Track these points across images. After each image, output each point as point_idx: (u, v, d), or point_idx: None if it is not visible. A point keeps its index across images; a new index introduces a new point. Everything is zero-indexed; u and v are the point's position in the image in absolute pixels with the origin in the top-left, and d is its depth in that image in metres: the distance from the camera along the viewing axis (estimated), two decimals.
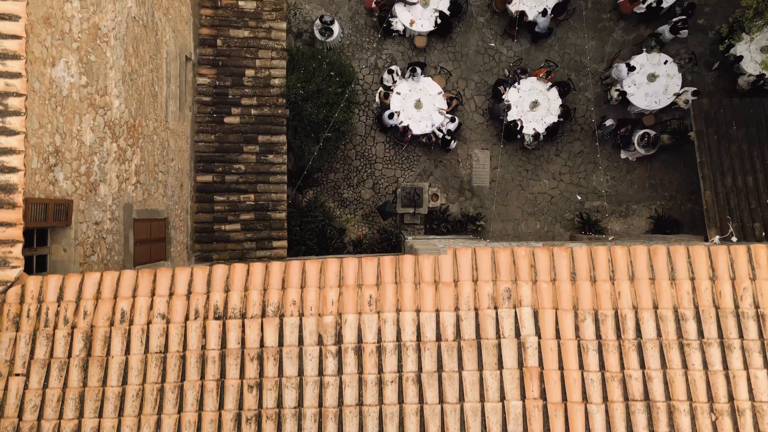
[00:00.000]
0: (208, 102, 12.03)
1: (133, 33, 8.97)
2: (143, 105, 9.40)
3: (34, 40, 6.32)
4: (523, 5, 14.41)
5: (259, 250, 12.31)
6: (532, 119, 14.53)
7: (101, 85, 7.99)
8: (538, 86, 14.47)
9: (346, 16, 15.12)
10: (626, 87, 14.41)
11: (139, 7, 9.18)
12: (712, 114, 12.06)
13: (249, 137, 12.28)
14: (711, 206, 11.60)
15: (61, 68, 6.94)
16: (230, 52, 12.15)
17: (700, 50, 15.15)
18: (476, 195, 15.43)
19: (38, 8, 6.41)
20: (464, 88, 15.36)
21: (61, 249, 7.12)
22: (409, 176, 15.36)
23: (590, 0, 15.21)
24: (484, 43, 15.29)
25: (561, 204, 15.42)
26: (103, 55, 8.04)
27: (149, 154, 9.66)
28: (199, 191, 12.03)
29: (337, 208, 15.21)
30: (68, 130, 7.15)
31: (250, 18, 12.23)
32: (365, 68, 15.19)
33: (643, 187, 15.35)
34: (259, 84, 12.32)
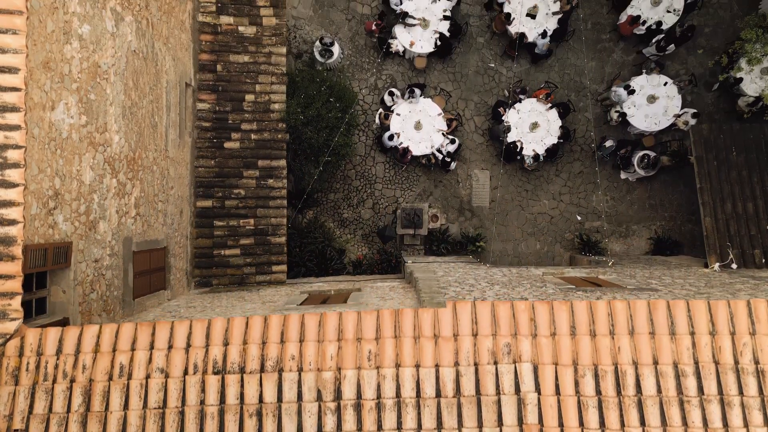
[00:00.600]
0: (208, 127, 12.03)
1: (133, 66, 8.97)
2: (143, 136, 9.40)
3: (33, 85, 6.33)
4: (522, 27, 14.42)
5: (259, 275, 12.30)
6: (532, 140, 14.54)
7: (101, 122, 7.99)
8: (537, 107, 14.47)
9: (346, 37, 15.13)
10: (626, 108, 14.42)
11: (139, 40, 9.19)
12: (712, 139, 12.05)
13: (249, 162, 12.28)
14: (711, 233, 11.59)
15: (60, 111, 6.94)
16: (230, 77, 12.15)
17: (700, 71, 15.15)
18: (476, 215, 15.42)
19: (38, 54, 6.41)
20: (464, 109, 15.36)
21: (60, 291, 7.11)
22: (408, 196, 15.36)
23: (590, 21, 15.22)
24: (484, 64, 15.29)
25: (561, 224, 15.41)
26: (103, 93, 8.04)
27: (149, 185, 9.66)
28: (198, 216, 12.02)
29: (337, 228, 15.21)
30: (68, 171, 7.15)
31: (250, 43, 12.24)
32: (365, 89, 15.19)
33: (643, 207, 15.35)
34: (259, 109, 12.32)
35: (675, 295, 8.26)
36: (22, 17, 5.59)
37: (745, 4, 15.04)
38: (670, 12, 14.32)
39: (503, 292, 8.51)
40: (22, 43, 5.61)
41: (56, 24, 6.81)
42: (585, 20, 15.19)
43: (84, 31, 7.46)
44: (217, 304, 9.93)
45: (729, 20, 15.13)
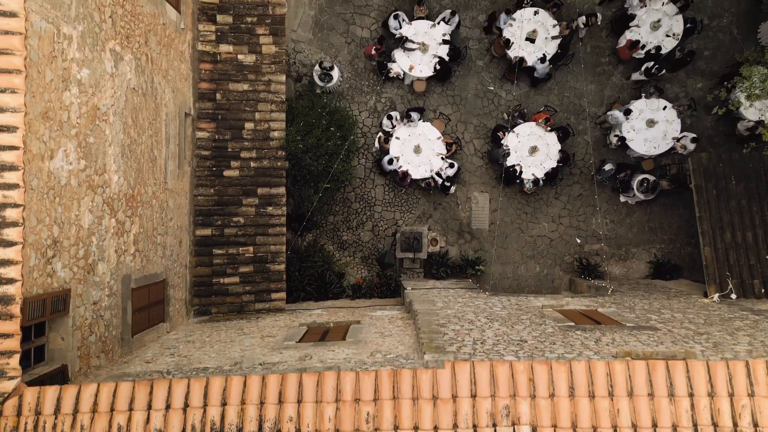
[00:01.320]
0: (208, 156, 12.04)
1: (132, 104, 8.97)
2: (142, 172, 9.40)
3: (32, 137, 6.33)
4: (522, 51, 14.43)
5: (258, 303, 12.30)
6: (531, 164, 14.54)
7: (100, 164, 7.99)
8: (537, 131, 14.48)
9: (345, 60, 15.14)
10: (625, 132, 14.43)
11: (138, 77, 9.19)
12: (711, 168, 12.06)
13: (248, 190, 12.29)
14: (710, 262, 11.59)
15: (59, 158, 6.95)
16: (229, 106, 12.16)
17: (699, 94, 15.16)
18: (475, 237, 15.42)
19: (36, 105, 6.41)
20: (463, 131, 15.37)
21: (59, 338, 7.10)
22: (408, 219, 15.36)
23: (589, 44, 15.24)
24: (483, 87, 15.30)
25: (560, 247, 15.41)
26: (102, 134, 8.04)
27: (148, 220, 9.66)
28: (198, 245, 12.02)
29: (337, 250, 15.20)
30: (66, 218, 7.15)
31: (250, 71, 12.25)
32: (364, 111, 15.20)
33: (643, 230, 15.35)
34: (259, 137, 12.33)
35: (674, 335, 8.25)
36: (21, 76, 5.60)
37: (745, 28, 15.08)
38: (670, 36, 14.33)
39: (502, 332, 8.49)
40: (21, 102, 5.61)
41: (55, 72, 6.82)
42: (584, 43, 15.20)
43: (83, 76, 7.47)
44: (216, 338, 9.92)
45: (728, 44, 15.15)
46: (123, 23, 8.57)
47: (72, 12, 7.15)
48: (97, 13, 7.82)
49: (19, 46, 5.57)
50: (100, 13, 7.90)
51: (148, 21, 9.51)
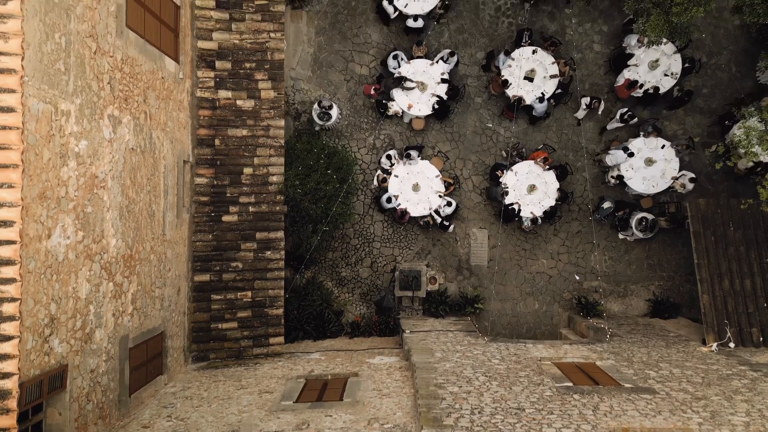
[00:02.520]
0: (206, 202, 12.05)
1: (130, 164, 8.99)
2: (140, 230, 9.42)
3: (29, 221, 6.34)
4: (520, 90, 14.46)
5: (256, 347, 12.30)
6: (530, 202, 14.54)
7: (98, 231, 8.00)
8: (535, 170, 14.49)
9: (344, 97, 15.17)
10: (623, 171, 14.43)
11: (137, 136, 9.22)
12: (709, 215, 12.07)
13: (247, 234, 12.30)
14: (709, 310, 11.59)
15: (57, 235, 6.96)
16: (228, 151, 12.19)
17: (698, 131, 15.19)
18: (474, 274, 15.42)
19: (33, 188, 6.42)
20: (462, 168, 15.39)
21: (56, 413, 7.10)
22: (407, 255, 15.36)
23: (587, 82, 15.26)
24: (482, 124, 15.33)
25: (559, 284, 15.40)
26: (101, 201, 8.06)
27: (146, 276, 9.67)
28: (196, 291, 12.02)
29: (335, 286, 15.20)
30: (64, 292, 7.16)
31: (249, 117, 12.28)
32: (363, 148, 15.22)
33: (642, 267, 15.35)
34: (257, 182, 12.35)
35: (672, 400, 8.24)
36: (18, 170, 5.61)
37: (743, 65, 15.11)
38: (668, 75, 14.36)
39: (500, 395, 8.48)
40: (18, 197, 5.63)
41: (53, 150, 6.84)
42: (582, 81, 15.23)
43: (81, 148, 7.49)
44: (213, 394, 9.92)
45: (727, 81, 15.18)
46: (121, 86, 8.60)
47: (70, 87, 7.17)
48: (96, 81, 7.84)
49: (16, 140, 5.59)
50: (99, 81, 7.93)
51: (147, 78, 9.54)
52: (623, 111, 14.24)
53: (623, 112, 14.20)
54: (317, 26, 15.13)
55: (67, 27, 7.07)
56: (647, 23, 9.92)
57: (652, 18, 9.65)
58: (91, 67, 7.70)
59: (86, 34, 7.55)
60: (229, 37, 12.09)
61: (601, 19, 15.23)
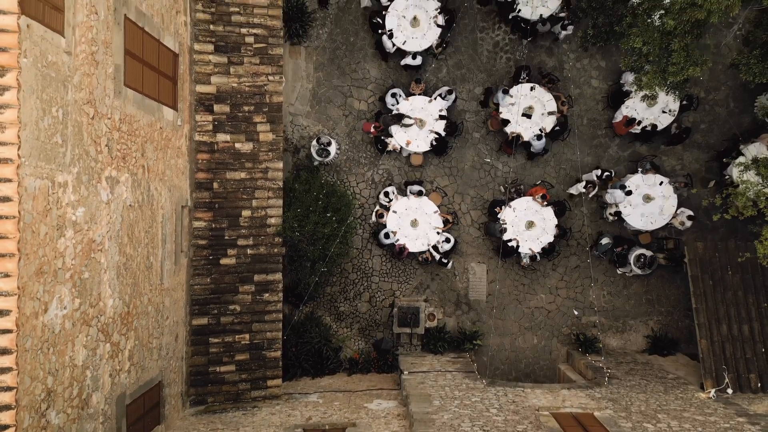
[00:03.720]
0: (205, 245, 12.06)
1: (128, 221, 9.00)
2: (138, 284, 9.42)
3: (26, 299, 6.34)
4: (518, 127, 14.48)
5: (254, 390, 12.29)
6: (528, 239, 14.55)
7: (95, 295, 8.01)
8: (533, 206, 14.50)
9: (343, 132, 15.20)
10: (622, 208, 14.44)
11: (135, 191, 9.23)
12: (707, 258, 12.08)
13: (244, 277, 12.30)
14: (707, 356, 11.58)
15: (53, 307, 6.96)
16: (227, 194, 12.20)
17: (696, 166, 15.21)
18: (473, 308, 15.42)
19: (30, 266, 6.43)
20: (460, 203, 15.40)
21: None
22: (405, 289, 15.37)
23: (585, 117, 15.29)
24: (480, 159, 15.35)
25: (558, 318, 15.40)
26: (98, 265, 8.06)
27: (143, 329, 9.67)
28: (194, 334, 12.01)
29: (334, 321, 15.19)
30: (60, 363, 7.16)
31: (247, 159, 12.29)
32: (362, 183, 15.25)
33: (640, 302, 15.34)
34: (256, 224, 12.37)
35: None
36: (14, 260, 5.62)
37: (742, 101, 15.13)
38: (666, 113, 14.38)
39: None
40: (14, 285, 5.64)
41: (50, 224, 6.85)
42: (581, 116, 15.26)
43: (78, 215, 7.50)
44: None
45: (725, 117, 15.21)
46: (119, 146, 8.62)
47: (67, 158, 7.19)
48: (93, 146, 7.86)
49: (12, 230, 5.60)
50: (96, 146, 7.94)
51: (145, 132, 9.56)
52: (598, 173, 14.38)
53: (598, 173, 14.34)
54: (316, 62, 15.18)
55: (64, 99, 7.09)
56: (643, 80, 9.94)
57: (649, 75, 9.67)
58: (89, 132, 7.72)
59: (84, 101, 7.58)
60: (227, 80, 12.12)
61: (599, 54, 15.27)
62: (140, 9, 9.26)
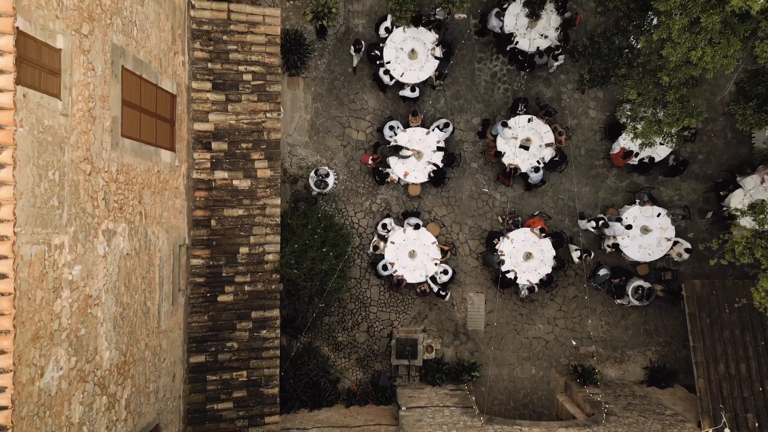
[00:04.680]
0: (202, 283, 12.06)
1: (125, 270, 9.01)
2: (135, 332, 9.42)
3: (22, 367, 6.35)
4: (516, 159, 14.50)
5: (252, 427, 12.28)
6: (526, 270, 14.56)
7: (91, 350, 8.01)
8: (531, 237, 14.51)
9: (341, 162, 15.21)
10: (620, 239, 14.45)
11: (131, 239, 9.23)
12: (704, 296, 12.09)
13: (242, 314, 12.31)
14: (704, 394, 11.58)
15: (49, 371, 6.96)
16: (224, 231, 12.21)
17: (694, 197, 15.23)
18: (471, 339, 15.41)
19: (26, 333, 6.43)
20: (458, 233, 15.41)
21: None
22: (403, 319, 15.36)
23: (583, 147, 15.32)
24: (478, 189, 15.36)
25: (556, 349, 15.39)
26: (94, 320, 8.07)
27: (140, 375, 9.66)
28: (191, 372, 12.01)
29: (332, 351, 15.19)
30: (57, 424, 7.16)
31: (245, 196, 12.31)
32: (360, 212, 15.27)
33: (638, 332, 15.34)
34: (253, 261, 12.37)
35: None
36: (9, 337, 5.63)
37: (739, 132, 15.14)
38: (663, 144, 14.39)
39: None
40: (9, 362, 5.63)
41: (46, 288, 6.85)
42: (578, 146, 15.28)
43: (75, 274, 7.51)
44: None
45: (723, 147, 15.23)
46: (116, 197, 8.63)
47: (63, 219, 7.20)
48: (90, 202, 7.87)
49: (8, 306, 5.60)
50: (93, 201, 7.96)
51: (143, 178, 9.58)
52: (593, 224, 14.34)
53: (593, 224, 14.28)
54: (314, 92, 15.20)
55: (61, 160, 7.10)
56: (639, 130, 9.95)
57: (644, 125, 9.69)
58: (86, 189, 7.73)
59: (81, 159, 7.59)
60: (225, 118, 12.15)
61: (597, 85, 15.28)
62: (138, 57, 9.28)
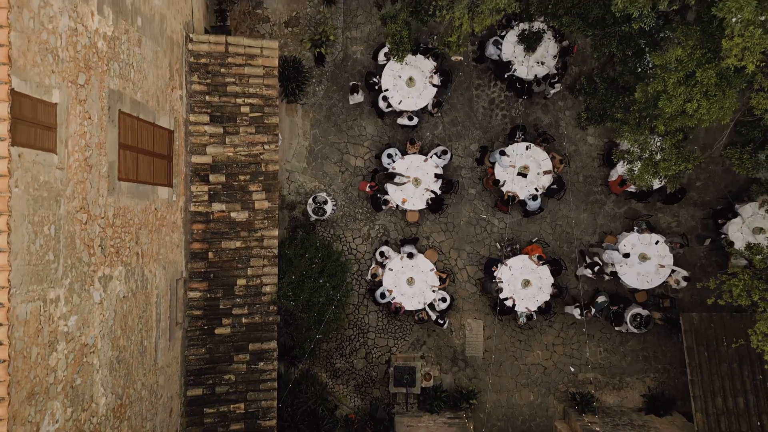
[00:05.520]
0: (200, 315, 12.03)
1: (121, 313, 8.98)
2: (131, 373, 9.39)
3: (17, 425, 6.32)
4: (513, 186, 14.50)
5: None
6: (525, 297, 14.54)
7: (87, 398, 7.98)
8: (529, 265, 14.49)
9: (339, 188, 15.22)
10: (618, 267, 14.44)
11: (128, 281, 9.21)
12: (702, 330, 12.09)
13: (239, 346, 12.28)
14: (702, 428, 11.56)
15: (45, 424, 6.93)
16: (222, 264, 12.19)
17: (692, 224, 15.22)
18: (470, 365, 15.39)
19: (21, 391, 6.40)
20: (456, 258, 15.41)
21: None
22: (402, 345, 15.35)
23: (581, 174, 15.32)
24: (476, 215, 15.36)
25: (554, 375, 15.37)
26: (90, 367, 8.04)
27: (137, 416, 9.64)
28: (188, 405, 11.97)
29: (330, 378, 15.17)
30: None
31: (242, 228, 12.30)
32: (358, 238, 15.27)
33: (637, 359, 15.31)
34: (251, 293, 12.36)
35: None
36: (4, 404, 5.61)
37: None
38: None
39: None
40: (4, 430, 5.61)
41: (41, 344, 6.83)
42: (576, 173, 15.28)
43: (70, 325, 7.49)
44: None
45: (721, 173, 15.23)
46: (113, 241, 8.61)
47: (59, 272, 7.18)
48: (86, 251, 7.85)
49: (2, 374, 5.59)
50: (89, 249, 7.94)
51: (140, 218, 9.56)
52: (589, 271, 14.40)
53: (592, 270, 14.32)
54: (312, 119, 15.22)
55: (56, 214, 7.09)
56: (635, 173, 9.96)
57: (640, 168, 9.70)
58: (82, 239, 7.72)
59: (77, 209, 7.58)
60: (223, 150, 12.14)
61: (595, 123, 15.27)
62: (135, 99, 9.28)
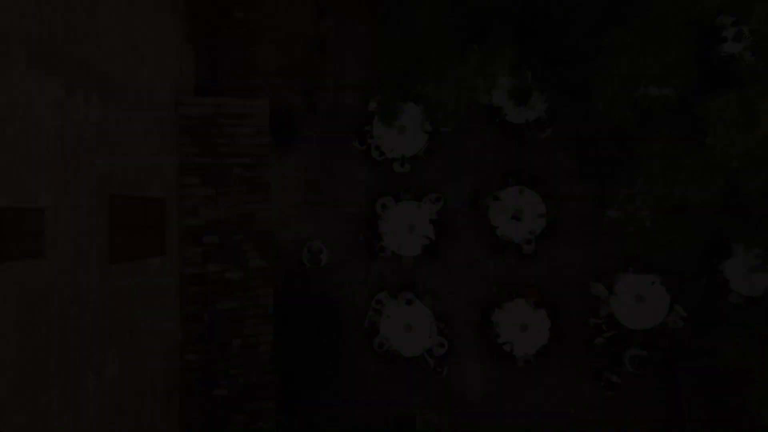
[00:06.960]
0: (196, 378, 11.98)
1: (116, 393, 8.93)
2: None
3: None
4: (508, 231, 14.50)
5: None
6: (523, 341, 14.51)
7: None
8: (526, 309, 14.47)
9: (333, 236, 15.20)
10: (615, 309, 14.42)
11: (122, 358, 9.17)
12: None
13: (237, 407, 12.21)
14: None
15: None
16: (217, 325, 12.15)
17: (688, 262, 15.20)
18: (469, 409, 15.32)
19: None
20: (453, 302, 15.38)
21: None
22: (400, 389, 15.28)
23: (575, 215, 15.31)
24: (471, 259, 15.35)
25: (555, 417, 15.30)
26: None
27: None
28: None
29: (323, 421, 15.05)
30: None
31: (238, 288, 12.27)
32: (355, 285, 15.24)
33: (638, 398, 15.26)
34: (247, 352, 12.31)
35: None
36: None
37: None
38: None
39: None
40: None
41: None
42: (570, 214, 15.28)
43: (65, 421, 7.43)
44: None
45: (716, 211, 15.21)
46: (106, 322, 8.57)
47: (50, 372, 7.14)
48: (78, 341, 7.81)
49: None
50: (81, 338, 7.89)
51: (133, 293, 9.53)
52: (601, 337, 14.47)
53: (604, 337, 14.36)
54: (305, 167, 15.20)
55: (46, 314, 7.05)
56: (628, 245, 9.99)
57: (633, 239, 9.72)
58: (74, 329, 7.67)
59: (68, 303, 7.54)
60: (215, 211, 12.13)
61: None
62: (125, 178, 9.27)
